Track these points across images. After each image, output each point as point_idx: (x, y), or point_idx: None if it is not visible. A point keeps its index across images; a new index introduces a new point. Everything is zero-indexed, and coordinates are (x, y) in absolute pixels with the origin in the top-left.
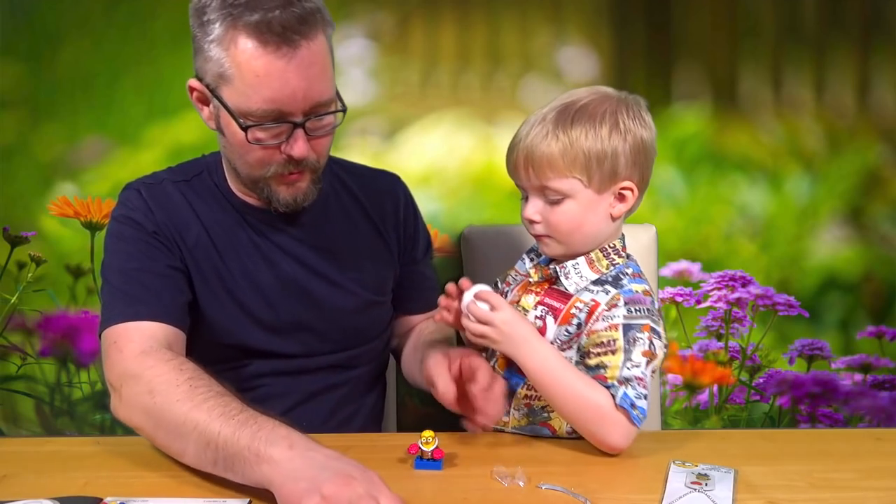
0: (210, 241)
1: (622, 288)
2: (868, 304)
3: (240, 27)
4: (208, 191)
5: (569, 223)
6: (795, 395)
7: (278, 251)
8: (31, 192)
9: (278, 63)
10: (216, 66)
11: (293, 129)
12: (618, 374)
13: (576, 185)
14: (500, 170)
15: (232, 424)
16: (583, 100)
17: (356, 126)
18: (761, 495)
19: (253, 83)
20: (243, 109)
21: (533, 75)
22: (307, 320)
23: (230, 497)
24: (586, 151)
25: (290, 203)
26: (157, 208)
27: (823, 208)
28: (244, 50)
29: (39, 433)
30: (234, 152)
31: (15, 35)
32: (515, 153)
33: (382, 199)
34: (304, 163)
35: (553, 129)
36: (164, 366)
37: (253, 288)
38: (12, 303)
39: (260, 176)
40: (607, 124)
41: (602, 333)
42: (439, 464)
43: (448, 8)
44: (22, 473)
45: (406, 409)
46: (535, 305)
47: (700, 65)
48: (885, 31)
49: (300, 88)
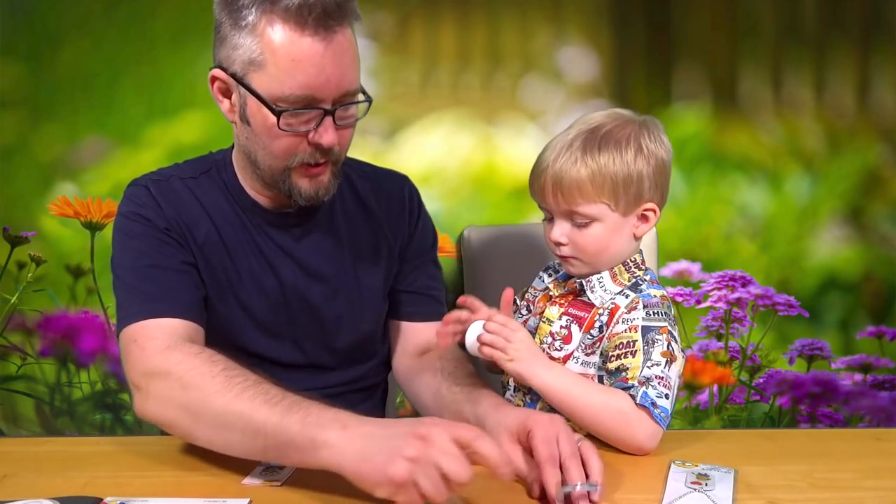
0: (219, 239)
1: (641, 293)
2: (868, 304)
3: (277, 12)
4: (217, 188)
5: (596, 245)
6: (795, 395)
7: (280, 253)
8: (31, 192)
9: (315, 48)
10: (247, 53)
11: (323, 117)
12: (638, 374)
13: (603, 209)
14: (500, 170)
15: (278, 412)
16: (606, 125)
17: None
18: (761, 495)
19: (288, 68)
20: (276, 95)
21: (533, 75)
22: (305, 327)
23: (230, 497)
24: (614, 177)
25: (312, 196)
26: (167, 205)
27: (823, 208)
28: (281, 35)
29: (39, 433)
30: (259, 142)
31: (15, 35)
32: (543, 178)
33: (390, 200)
34: (329, 152)
35: (581, 155)
36: (195, 359)
37: (257, 290)
38: (12, 303)
39: (284, 167)
40: (632, 149)
41: (622, 335)
42: None
43: (448, 8)
44: (22, 473)
45: (406, 409)
46: (560, 316)
47: (700, 65)
48: (885, 31)
49: (334, 75)
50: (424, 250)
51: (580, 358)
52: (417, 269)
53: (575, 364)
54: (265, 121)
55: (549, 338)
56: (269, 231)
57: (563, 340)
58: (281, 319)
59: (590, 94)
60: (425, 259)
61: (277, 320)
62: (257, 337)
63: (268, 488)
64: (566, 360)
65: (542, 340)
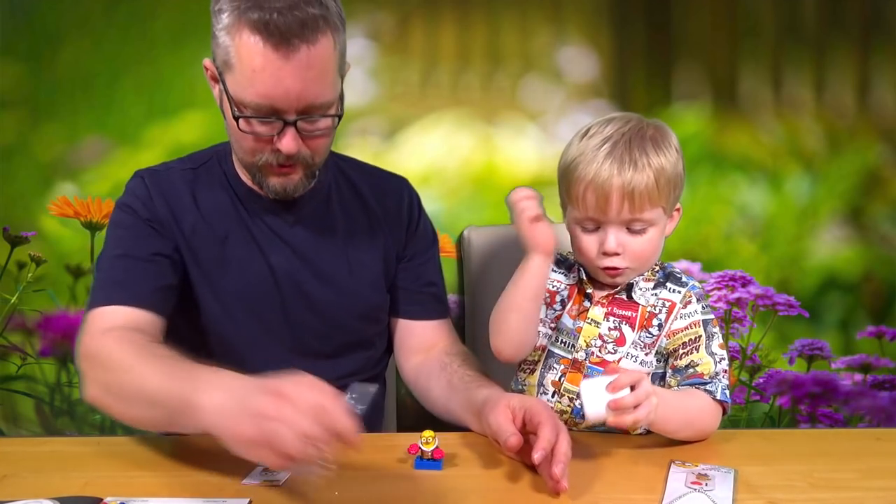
0: (208, 230)
1: (686, 285)
2: (868, 304)
3: (245, 21)
4: (214, 177)
5: (651, 250)
6: (795, 395)
7: (274, 238)
8: (31, 192)
9: (274, 61)
10: (224, 53)
11: (284, 126)
12: (711, 370)
13: (659, 212)
14: (500, 170)
15: (168, 381)
16: (643, 127)
17: (356, 126)
18: (761, 495)
19: (249, 76)
20: (239, 99)
21: (533, 75)
22: (296, 313)
23: (230, 497)
24: (669, 178)
25: (280, 192)
26: (157, 195)
27: (823, 208)
28: (246, 43)
29: (39, 433)
30: (231, 136)
31: (15, 35)
32: (606, 188)
33: (387, 197)
34: (294, 158)
35: (640, 158)
36: (118, 343)
37: (246, 277)
38: (12, 303)
39: (252, 162)
40: (672, 148)
41: (687, 332)
42: (439, 464)
43: (448, 8)
44: (22, 473)
45: (406, 409)
46: (606, 317)
47: (700, 65)
48: (885, 31)
49: (294, 89)
50: (425, 249)
51: (638, 356)
52: (419, 268)
53: (633, 363)
54: (231, 119)
55: (597, 340)
56: (264, 217)
57: (615, 343)
58: (272, 304)
59: (590, 94)
60: (426, 258)
61: (268, 306)
62: (249, 324)
63: (268, 488)
64: (620, 360)
65: (588, 343)
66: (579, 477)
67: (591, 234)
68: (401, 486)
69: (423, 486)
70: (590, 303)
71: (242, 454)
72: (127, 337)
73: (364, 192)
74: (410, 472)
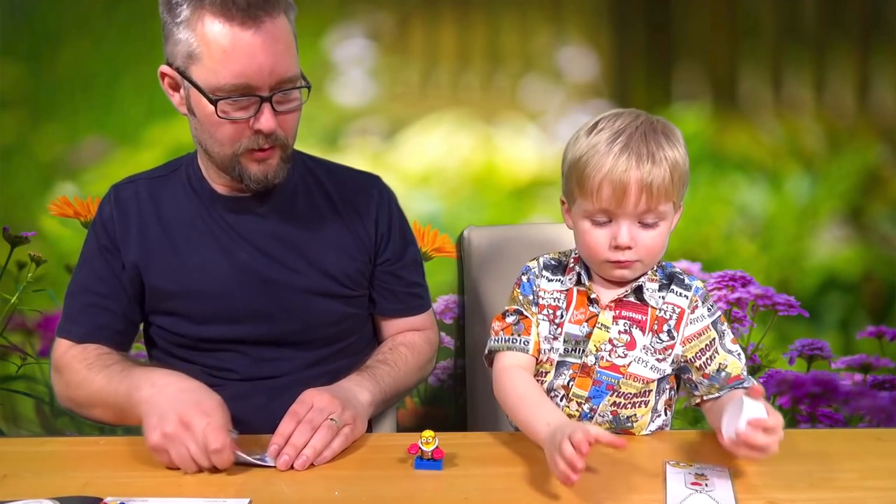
0: (169, 240)
1: (691, 288)
2: (868, 304)
3: (206, 7)
4: (179, 184)
5: (662, 244)
6: (795, 395)
7: (237, 238)
8: (31, 192)
9: (244, 37)
10: (185, 48)
11: (261, 104)
12: (740, 366)
13: (671, 206)
14: (500, 170)
15: (114, 382)
16: (651, 121)
17: (356, 126)
18: (761, 495)
19: (221, 58)
20: (213, 85)
21: (533, 75)
22: (266, 308)
23: (230, 497)
24: (682, 173)
25: (262, 179)
26: (121, 212)
27: (823, 208)
28: (211, 27)
29: (39, 433)
30: (205, 131)
31: (15, 35)
32: (625, 181)
33: (356, 197)
34: (272, 137)
35: (657, 152)
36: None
37: (208, 279)
38: (12, 303)
39: (231, 153)
40: (681, 143)
41: (701, 338)
42: (439, 464)
43: (448, 8)
44: (22, 473)
45: (406, 409)
46: (614, 320)
47: (700, 65)
48: (885, 31)
49: (267, 63)
50: (403, 249)
51: (649, 362)
52: (401, 270)
53: (643, 368)
54: (206, 110)
55: (607, 345)
56: (227, 217)
57: (626, 346)
58: (240, 303)
59: (590, 94)
60: (407, 260)
61: (237, 304)
62: (220, 323)
63: (268, 488)
64: (630, 365)
65: (598, 348)
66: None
67: (603, 227)
68: (401, 486)
69: (423, 486)
70: (597, 307)
71: (148, 447)
72: (80, 356)
73: (330, 190)
74: (410, 472)
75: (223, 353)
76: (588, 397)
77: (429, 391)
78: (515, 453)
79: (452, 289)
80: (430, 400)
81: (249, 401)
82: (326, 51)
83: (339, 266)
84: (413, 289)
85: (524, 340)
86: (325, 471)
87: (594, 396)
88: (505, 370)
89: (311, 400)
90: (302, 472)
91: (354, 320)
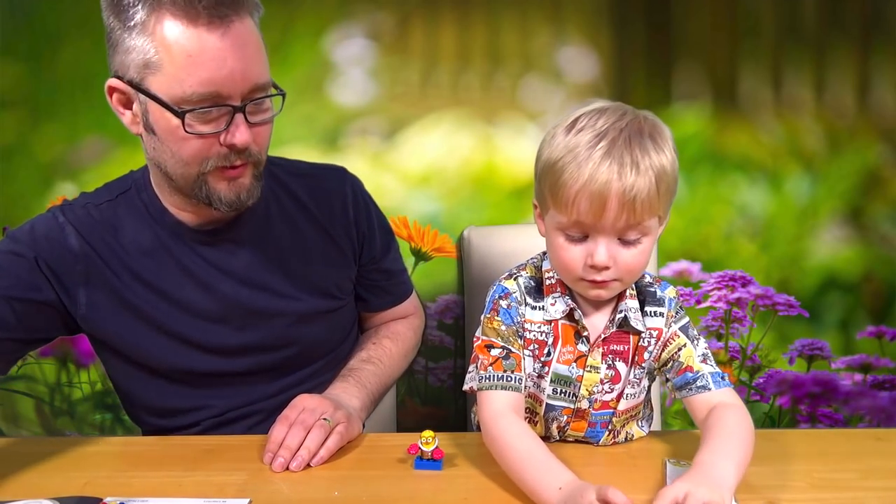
0: (135, 271)
1: (663, 303)
2: (868, 304)
3: (165, 6)
4: (135, 211)
5: (643, 262)
6: (795, 395)
7: (216, 272)
8: (31, 192)
9: (211, 40)
10: (140, 56)
11: (233, 115)
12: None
13: (656, 221)
14: (500, 170)
15: None
16: (638, 120)
17: (356, 126)
18: (761, 495)
19: (185, 64)
20: (177, 96)
21: (533, 75)
22: (257, 340)
23: (230, 497)
24: (670, 183)
25: (234, 201)
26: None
27: (823, 208)
28: (172, 30)
29: (39, 433)
30: (167, 150)
31: (15, 35)
32: (605, 194)
33: (330, 199)
34: (245, 153)
35: (642, 160)
36: None
37: (192, 316)
38: None
39: (197, 173)
40: (669, 146)
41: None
42: (439, 464)
43: (448, 8)
44: (22, 473)
45: (406, 409)
46: (603, 358)
47: (700, 65)
48: (885, 31)
49: (237, 69)
50: (386, 245)
51: (633, 394)
52: (386, 265)
53: (632, 400)
54: (169, 125)
55: (598, 385)
56: (199, 250)
57: (611, 382)
58: (223, 340)
59: (590, 94)
60: (389, 255)
61: (219, 341)
62: (203, 358)
63: (268, 488)
64: (619, 398)
65: (591, 392)
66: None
67: (577, 244)
68: (401, 486)
69: (422, 486)
70: (586, 345)
71: None
72: None
73: (304, 200)
74: (410, 472)
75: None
76: (585, 437)
77: (429, 391)
78: None
79: (452, 289)
80: (430, 400)
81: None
82: (326, 51)
83: (328, 279)
84: (398, 277)
85: (518, 378)
86: (325, 471)
87: (591, 436)
88: (500, 416)
89: (302, 403)
90: (302, 473)
91: (344, 330)
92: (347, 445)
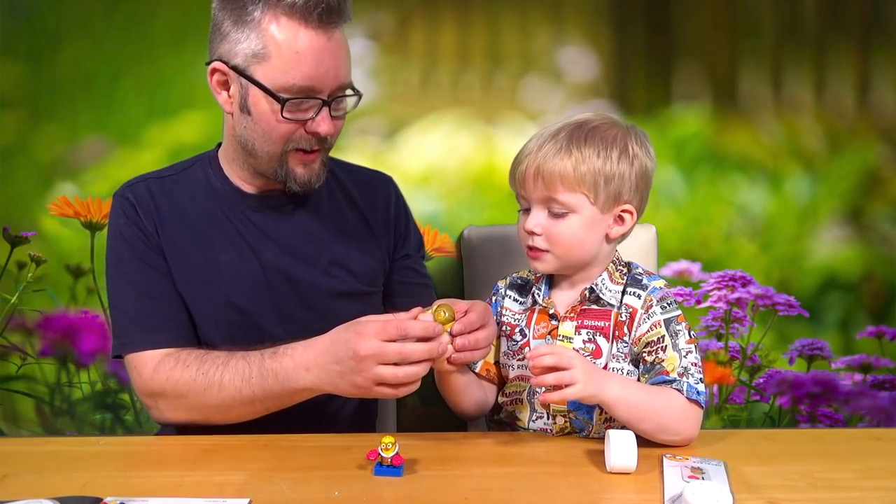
0: (191, 237)
1: (647, 288)
2: (868, 304)
3: (281, 8)
4: (196, 182)
5: (571, 238)
6: (795, 395)
7: (263, 237)
8: (31, 192)
9: (317, 42)
10: (251, 46)
11: (321, 107)
12: (677, 365)
13: (582, 200)
14: (500, 170)
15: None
16: (594, 122)
17: (356, 126)
18: (761, 495)
19: (292, 59)
20: (280, 85)
21: (533, 75)
22: (292, 308)
23: (230, 497)
24: (596, 170)
25: (305, 182)
26: (143, 211)
27: (823, 208)
28: (286, 29)
29: (39, 433)
30: (258, 130)
31: (15, 35)
32: (524, 165)
33: (374, 195)
34: (324, 140)
35: (566, 145)
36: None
37: (237, 278)
38: (12, 303)
39: (281, 151)
40: (618, 148)
41: (649, 334)
42: (399, 470)
43: (448, 8)
44: (22, 473)
45: (406, 409)
46: (577, 330)
47: (700, 65)
48: (885, 31)
49: (332, 68)
50: (417, 247)
51: (623, 368)
52: (415, 264)
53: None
54: (266, 109)
55: None
56: (251, 216)
57: (592, 355)
58: (264, 301)
59: (590, 94)
60: (419, 256)
61: (260, 304)
62: (240, 323)
63: (268, 488)
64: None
65: None
66: (578, 477)
67: (524, 214)
68: (401, 485)
69: (422, 486)
70: (556, 320)
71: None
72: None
73: (352, 193)
74: (410, 473)
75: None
76: (569, 409)
77: (429, 391)
78: (515, 453)
79: (452, 289)
80: (430, 400)
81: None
82: None
83: (364, 265)
84: (426, 281)
85: None
86: (325, 471)
87: (575, 408)
88: None
89: None
90: (302, 473)
91: None
92: (347, 446)
